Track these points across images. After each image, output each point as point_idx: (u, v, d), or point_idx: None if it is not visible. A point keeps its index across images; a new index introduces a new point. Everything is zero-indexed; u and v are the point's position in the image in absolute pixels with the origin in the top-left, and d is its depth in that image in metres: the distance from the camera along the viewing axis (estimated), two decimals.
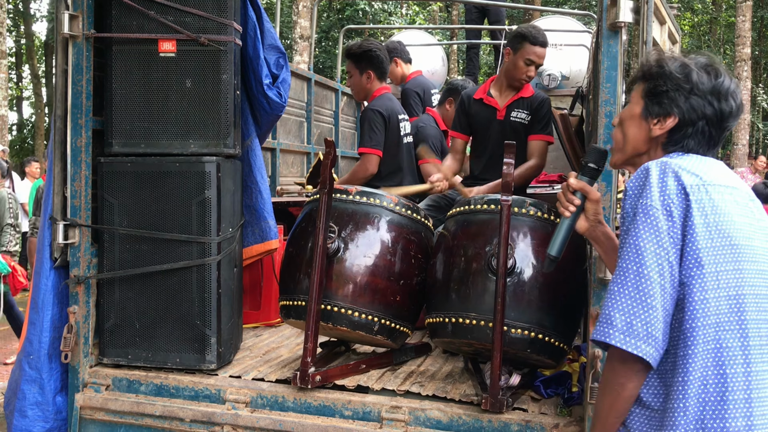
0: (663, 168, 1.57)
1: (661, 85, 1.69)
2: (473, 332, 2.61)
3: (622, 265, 1.54)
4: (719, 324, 1.50)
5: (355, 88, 4.00)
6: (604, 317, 1.53)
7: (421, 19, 20.77)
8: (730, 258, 1.52)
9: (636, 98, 1.76)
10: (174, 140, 2.92)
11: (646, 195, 1.54)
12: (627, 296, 1.50)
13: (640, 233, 1.52)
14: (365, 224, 2.85)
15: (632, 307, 1.49)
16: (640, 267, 1.50)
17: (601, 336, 1.52)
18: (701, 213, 1.52)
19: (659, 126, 1.70)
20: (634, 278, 1.50)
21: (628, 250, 1.53)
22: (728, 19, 24.99)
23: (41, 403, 2.92)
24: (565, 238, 1.89)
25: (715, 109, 1.66)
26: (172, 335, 2.92)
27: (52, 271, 2.95)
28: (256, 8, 3.22)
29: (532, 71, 3.71)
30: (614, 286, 1.54)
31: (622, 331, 1.49)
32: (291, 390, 2.72)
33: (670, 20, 2.94)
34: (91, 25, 2.92)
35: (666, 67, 1.69)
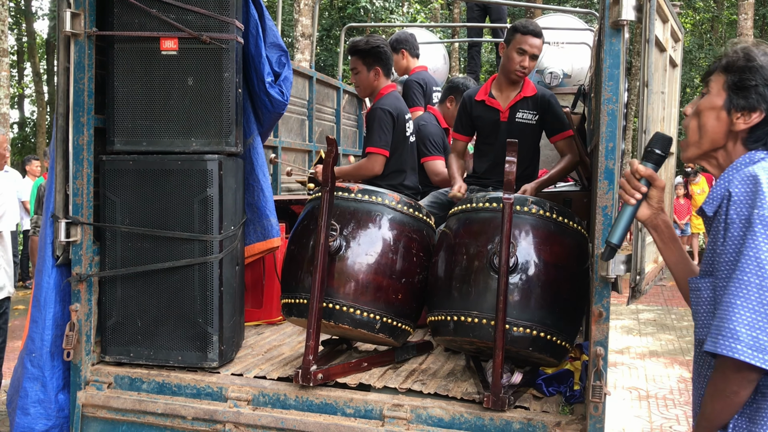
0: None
1: (750, 79, 1.65)
2: (475, 330, 2.61)
3: (743, 278, 1.51)
4: None
5: (362, 85, 3.97)
6: (727, 330, 1.51)
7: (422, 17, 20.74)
8: None
9: (716, 89, 1.72)
10: (176, 138, 2.92)
11: (761, 205, 1.52)
12: (751, 310, 1.49)
13: (759, 245, 1.51)
14: (367, 222, 2.85)
15: (757, 320, 1.48)
16: (763, 280, 1.49)
17: (726, 350, 1.50)
18: None
19: (743, 120, 1.67)
20: (758, 291, 1.49)
21: (749, 263, 1.51)
22: (730, 17, 24.95)
23: (43, 400, 2.93)
24: (627, 226, 1.86)
25: None
26: (174, 333, 2.93)
27: (54, 269, 2.95)
28: (258, 6, 3.21)
29: (526, 62, 3.61)
30: (736, 299, 1.52)
31: (749, 346, 1.48)
32: (293, 388, 2.72)
33: (673, 18, 2.93)
34: (93, 23, 2.92)
35: (756, 61, 1.66)
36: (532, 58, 3.63)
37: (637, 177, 1.83)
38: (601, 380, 2.31)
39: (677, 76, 3.55)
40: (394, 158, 3.82)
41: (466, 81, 4.92)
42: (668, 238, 1.89)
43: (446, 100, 4.81)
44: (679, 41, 3.39)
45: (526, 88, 3.73)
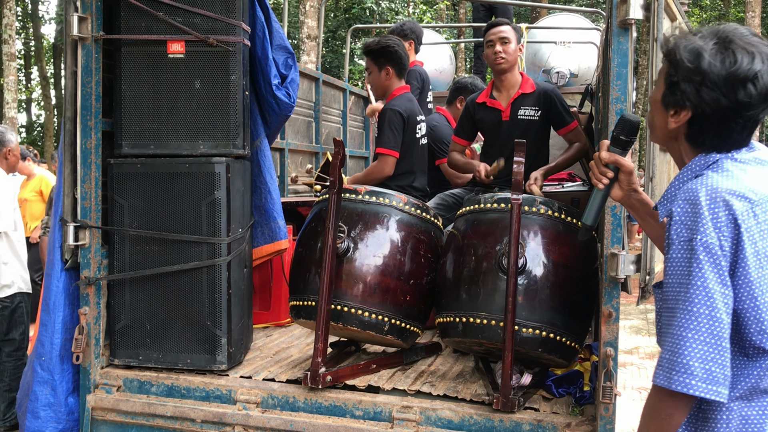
0: (713, 197, 1.47)
1: (673, 75, 1.56)
2: (484, 332, 2.60)
3: (692, 309, 1.45)
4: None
5: (374, 85, 3.98)
6: (680, 366, 1.45)
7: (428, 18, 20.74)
8: None
9: (660, 80, 1.63)
10: (183, 141, 2.92)
11: (702, 231, 1.45)
12: (702, 342, 1.44)
13: (706, 274, 1.45)
14: (375, 224, 2.85)
15: (709, 353, 1.44)
16: (713, 311, 1.44)
17: (681, 387, 1.45)
18: (751, 242, 1.46)
19: (674, 119, 1.59)
20: (708, 323, 1.44)
21: (698, 293, 1.45)
22: (737, 14, 24.86)
23: (53, 404, 2.93)
24: (599, 208, 1.88)
25: (730, 102, 1.50)
26: (182, 336, 2.93)
27: (63, 273, 2.96)
28: (265, 9, 3.22)
29: (498, 47, 3.71)
30: (686, 332, 1.46)
31: (703, 380, 1.43)
32: (302, 390, 2.72)
33: (681, 17, 2.92)
34: (100, 27, 2.93)
35: (677, 55, 1.55)
36: (503, 43, 3.72)
37: (603, 163, 1.81)
38: (611, 381, 2.30)
39: None
40: (404, 160, 3.81)
41: (474, 81, 4.92)
42: (645, 214, 1.87)
43: (455, 101, 4.81)
44: None
45: (524, 85, 3.76)
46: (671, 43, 1.58)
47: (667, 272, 1.54)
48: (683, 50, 1.53)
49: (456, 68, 11.03)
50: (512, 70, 3.77)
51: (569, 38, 6.66)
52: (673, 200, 1.58)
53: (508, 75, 3.76)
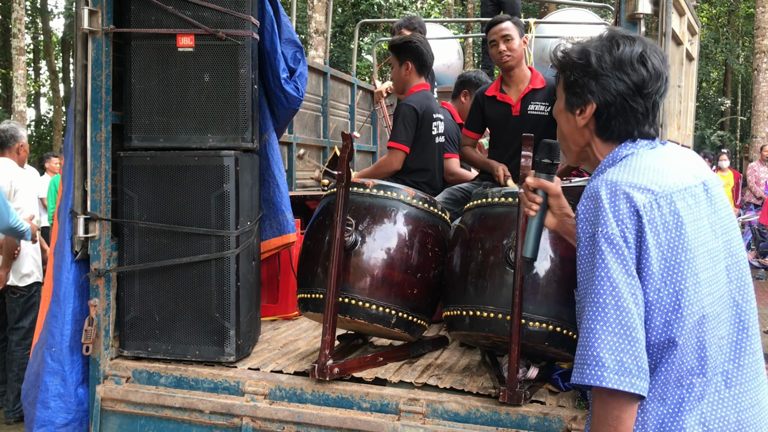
0: (613, 190, 1.51)
1: (569, 76, 1.66)
2: (491, 325, 2.61)
3: (598, 300, 1.47)
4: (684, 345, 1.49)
5: (395, 79, 4.02)
6: (591, 358, 1.45)
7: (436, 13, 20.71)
8: (688, 274, 1.49)
9: (560, 92, 1.73)
10: (192, 134, 2.94)
11: (603, 223, 1.49)
12: (612, 333, 1.44)
13: (609, 264, 1.46)
14: (382, 217, 2.86)
15: (619, 343, 1.43)
16: (618, 300, 1.44)
17: (593, 380, 1.44)
18: (654, 233, 1.48)
19: (582, 116, 1.66)
20: (615, 313, 1.44)
21: (602, 284, 1.46)
22: (747, 10, 24.71)
23: (63, 394, 2.96)
24: (536, 238, 1.85)
25: (626, 83, 1.60)
26: (191, 328, 2.95)
27: (73, 265, 2.98)
28: (273, 3, 3.23)
29: (502, 46, 3.72)
30: (595, 323, 1.46)
31: (615, 371, 1.43)
32: (309, 382, 2.74)
33: (690, 11, 2.92)
34: (110, 20, 2.94)
35: (568, 56, 1.67)
36: (506, 40, 3.73)
37: (530, 189, 1.83)
38: None
39: (694, 70, 3.53)
40: (419, 156, 3.82)
41: (478, 74, 4.92)
42: None
43: (460, 95, 4.81)
44: (695, 35, 3.37)
45: (534, 80, 3.75)
46: (560, 54, 1.70)
47: (578, 271, 1.56)
48: (573, 53, 1.66)
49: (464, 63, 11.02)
50: (520, 65, 3.77)
51: (577, 33, 6.65)
52: None
53: (516, 70, 3.76)
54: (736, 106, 27.47)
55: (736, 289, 1.59)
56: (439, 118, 3.97)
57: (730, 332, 1.56)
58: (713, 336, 1.51)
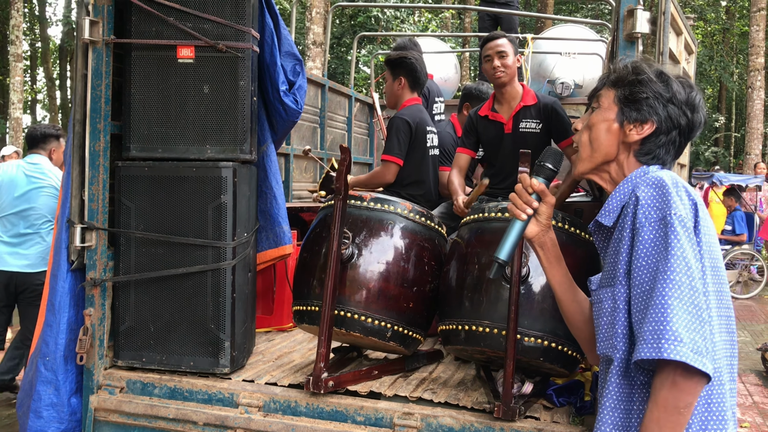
0: (675, 181, 1.58)
1: (641, 92, 1.69)
2: (486, 340, 2.61)
3: (674, 278, 1.46)
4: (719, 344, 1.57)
5: (387, 93, 4.07)
6: (669, 333, 1.41)
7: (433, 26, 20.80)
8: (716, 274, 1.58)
9: (607, 103, 1.75)
10: (191, 145, 2.95)
11: (675, 206, 1.52)
12: (686, 311, 1.43)
13: (683, 245, 1.49)
14: (379, 231, 2.87)
15: (693, 322, 1.43)
16: (692, 280, 1.46)
17: (674, 354, 1.39)
18: (705, 228, 1.55)
19: (636, 131, 1.71)
20: (689, 292, 1.45)
21: (677, 263, 1.47)
22: (742, 28, 24.91)
23: (56, 404, 2.94)
24: (515, 242, 1.78)
25: (688, 120, 1.70)
26: (186, 339, 2.95)
27: (69, 274, 2.97)
28: (274, 15, 3.24)
29: (496, 62, 3.72)
30: (670, 300, 1.45)
31: (692, 349, 1.40)
32: (304, 395, 2.73)
33: (687, 31, 2.95)
34: (111, 30, 2.96)
35: (646, 75, 1.70)
36: (500, 57, 3.73)
37: (530, 192, 1.78)
38: None
39: None
40: (413, 168, 3.84)
41: (479, 86, 4.95)
42: (554, 257, 1.84)
43: (463, 108, 4.84)
44: (692, 53, 3.40)
45: (525, 97, 3.77)
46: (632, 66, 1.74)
47: (638, 257, 1.55)
48: (652, 73, 1.70)
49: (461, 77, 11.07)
50: (512, 83, 3.78)
51: (574, 49, 6.69)
52: (620, 207, 1.69)
53: (508, 88, 3.78)
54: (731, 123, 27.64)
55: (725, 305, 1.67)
56: (432, 131, 3.99)
57: None
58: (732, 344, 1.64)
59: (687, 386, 1.42)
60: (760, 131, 16.03)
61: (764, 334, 8.35)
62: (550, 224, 1.81)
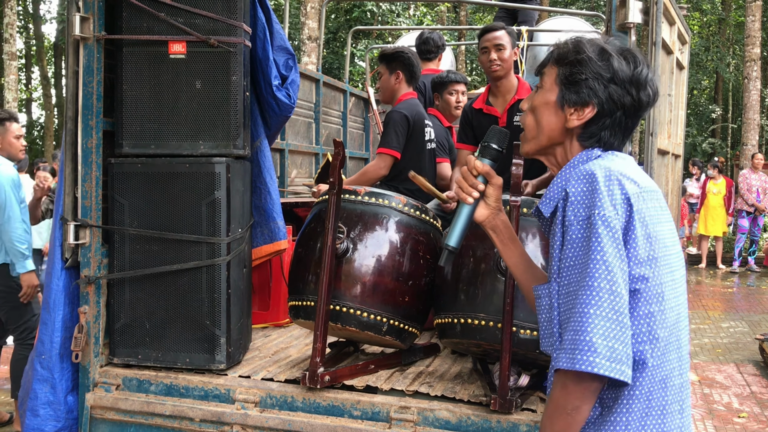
0: (608, 175, 1.47)
1: (579, 73, 1.57)
2: (482, 333, 2.61)
3: (593, 284, 1.40)
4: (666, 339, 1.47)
5: (383, 87, 4.05)
6: (583, 344, 1.38)
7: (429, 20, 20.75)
8: (665, 270, 1.49)
9: (549, 84, 1.63)
10: (184, 141, 2.94)
11: (600, 205, 1.44)
12: (605, 318, 1.38)
13: (605, 248, 1.41)
14: (374, 225, 2.86)
15: (611, 329, 1.38)
16: (613, 285, 1.39)
17: (585, 365, 1.37)
18: (641, 223, 1.46)
19: (576, 116, 1.59)
20: (609, 297, 1.39)
21: (598, 267, 1.41)
22: (738, 18, 24.88)
23: (53, 402, 2.94)
24: (464, 228, 1.73)
25: (633, 99, 1.57)
26: (181, 335, 2.94)
27: (63, 272, 2.97)
28: (266, 10, 3.23)
29: (493, 54, 3.69)
30: (588, 308, 1.40)
31: (608, 358, 1.36)
32: (300, 390, 2.73)
33: (680, 21, 2.94)
34: (101, 27, 2.94)
35: (585, 53, 1.57)
36: (498, 49, 3.69)
37: (474, 174, 1.73)
38: None
39: (684, 79, 3.55)
40: (411, 162, 3.83)
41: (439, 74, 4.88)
42: (507, 238, 1.78)
43: (434, 98, 4.81)
44: (686, 44, 3.39)
45: (520, 90, 3.75)
46: (573, 43, 1.61)
47: (566, 257, 1.49)
48: (591, 51, 1.57)
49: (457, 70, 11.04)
50: (508, 76, 3.76)
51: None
52: (557, 198, 1.57)
53: (504, 81, 3.76)
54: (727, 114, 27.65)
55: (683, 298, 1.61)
56: (429, 125, 3.99)
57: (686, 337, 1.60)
58: (685, 337, 1.54)
59: (575, 390, 1.41)
60: (756, 122, 16.03)
61: (762, 324, 8.37)
62: (500, 206, 1.75)
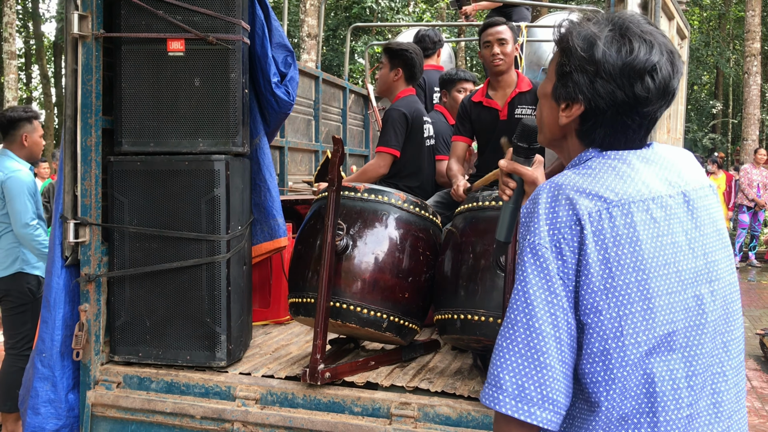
0: (555, 194, 1.29)
1: (566, 64, 1.36)
2: (482, 329, 2.61)
3: (510, 315, 1.28)
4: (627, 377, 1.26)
5: (381, 79, 4.06)
6: (492, 378, 1.28)
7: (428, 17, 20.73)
8: (636, 298, 1.25)
9: (551, 72, 1.43)
10: (183, 139, 2.94)
11: (533, 231, 1.28)
12: (517, 354, 1.25)
13: (528, 278, 1.27)
14: (374, 221, 2.86)
15: (523, 367, 1.25)
16: (530, 319, 1.25)
17: (488, 401, 1.28)
18: (599, 247, 1.25)
19: (566, 114, 1.39)
20: (524, 333, 1.25)
21: (517, 299, 1.28)
22: (738, 13, 24.85)
23: (54, 400, 2.95)
24: (511, 222, 1.73)
25: (626, 95, 1.32)
26: (182, 333, 2.94)
27: (63, 270, 2.97)
28: (264, 7, 3.23)
29: (496, 49, 3.70)
30: (502, 340, 1.28)
31: (513, 396, 1.25)
32: (300, 387, 2.73)
33: (679, 15, 2.94)
34: (100, 25, 2.94)
35: (570, 41, 1.36)
36: (501, 44, 3.71)
37: (504, 173, 1.71)
38: None
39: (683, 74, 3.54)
40: (411, 159, 3.82)
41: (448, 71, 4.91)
42: None
43: (442, 96, 4.83)
44: (685, 38, 3.39)
45: (520, 83, 3.75)
46: (563, 30, 1.40)
47: None
48: (576, 37, 1.35)
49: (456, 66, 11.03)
50: (509, 71, 3.77)
51: None
52: None
53: (505, 75, 3.76)
54: (728, 109, 27.62)
55: (720, 319, 1.35)
56: (428, 122, 3.99)
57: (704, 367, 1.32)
58: (672, 370, 1.27)
59: (506, 428, 1.29)
60: (756, 117, 16.02)
61: (762, 319, 8.37)
62: None
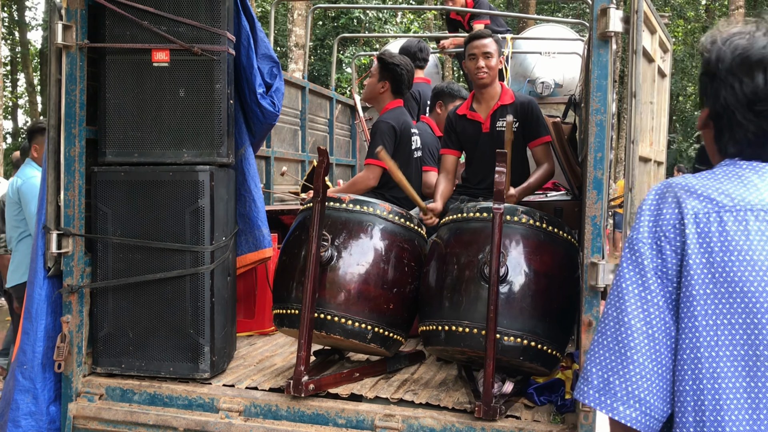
0: (662, 192, 1.26)
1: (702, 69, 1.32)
2: (466, 340, 2.62)
3: (605, 310, 1.28)
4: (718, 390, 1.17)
5: (368, 88, 4.07)
6: (584, 371, 1.27)
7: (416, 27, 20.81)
8: (738, 308, 1.17)
9: None
10: (167, 149, 2.93)
11: (636, 228, 1.26)
12: (605, 347, 1.24)
13: (623, 273, 1.25)
14: (358, 232, 2.86)
15: (610, 361, 1.23)
16: (620, 313, 1.23)
17: (577, 393, 1.27)
18: (704, 250, 1.19)
19: (700, 121, 1.33)
20: (614, 326, 1.24)
21: (612, 293, 1.27)
22: None
23: (35, 413, 2.91)
24: None
25: (736, 93, 1.22)
26: (165, 344, 2.92)
27: (45, 281, 2.94)
28: (250, 18, 3.23)
29: (481, 62, 3.69)
30: (596, 335, 1.27)
31: (598, 389, 1.23)
32: (284, 398, 2.72)
33: (661, 29, 2.97)
34: (84, 35, 2.93)
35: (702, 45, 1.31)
36: (486, 57, 3.70)
37: None
38: None
39: (666, 86, 3.58)
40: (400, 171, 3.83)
41: (450, 84, 4.95)
42: None
43: (435, 107, 4.85)
44: (667, 51, 3.43)
45: (504, 96, 3.76)
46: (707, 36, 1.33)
47: None
48: (705, 38, 1.30)
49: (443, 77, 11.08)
50: (493, 83, 3.78)
51: (554, 49, 6.71)
52: None
53: (489, 88, 3.77)
54: None
55: None
56: (415, 133, 4.00)
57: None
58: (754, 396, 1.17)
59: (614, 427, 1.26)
60: None
61: None
62: None
